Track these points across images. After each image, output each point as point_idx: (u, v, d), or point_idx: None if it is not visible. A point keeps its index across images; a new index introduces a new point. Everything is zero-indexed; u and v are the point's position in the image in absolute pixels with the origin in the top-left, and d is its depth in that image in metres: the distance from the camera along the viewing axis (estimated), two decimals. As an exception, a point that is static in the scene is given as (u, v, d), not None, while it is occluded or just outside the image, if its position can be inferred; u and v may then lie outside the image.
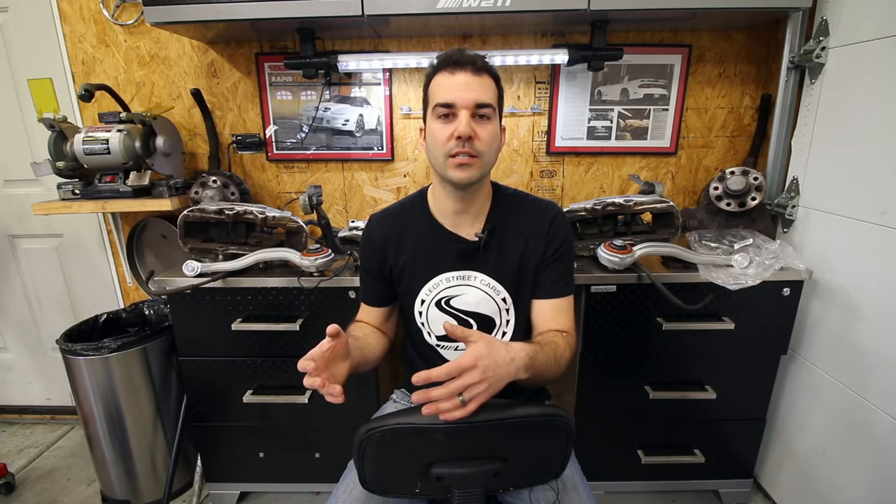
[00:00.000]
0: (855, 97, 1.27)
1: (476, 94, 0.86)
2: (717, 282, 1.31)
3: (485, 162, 0.90)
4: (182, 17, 1.38)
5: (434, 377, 0.68)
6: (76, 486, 1.78)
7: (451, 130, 0.86)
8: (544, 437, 0.78)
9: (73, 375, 1.51)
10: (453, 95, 0.86)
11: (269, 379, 1.49)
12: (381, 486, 0.82)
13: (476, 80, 0.86)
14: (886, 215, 1.18)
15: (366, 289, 1.08)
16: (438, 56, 0.90)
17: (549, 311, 0.99)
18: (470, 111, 0.86)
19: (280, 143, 1.80)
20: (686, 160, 1.78)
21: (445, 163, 0.89)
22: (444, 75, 0.88)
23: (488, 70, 0.89)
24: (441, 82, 0.88)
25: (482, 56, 0.89)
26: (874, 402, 1.23)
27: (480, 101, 0.86)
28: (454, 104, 0.86)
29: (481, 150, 0.88)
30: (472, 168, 0.88)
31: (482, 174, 0.91)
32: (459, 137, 0.85)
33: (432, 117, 0.90)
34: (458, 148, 0.86)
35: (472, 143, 0.86)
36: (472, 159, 0.87)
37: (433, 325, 1.02)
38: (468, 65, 0.86)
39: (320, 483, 1.65)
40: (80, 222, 1.93)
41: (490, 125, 0.89)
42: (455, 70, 0.87)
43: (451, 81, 0.87)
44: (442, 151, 0.88)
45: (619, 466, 1.56)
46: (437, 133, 0.88)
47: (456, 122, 0.86)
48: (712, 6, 1.34)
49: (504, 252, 0.99)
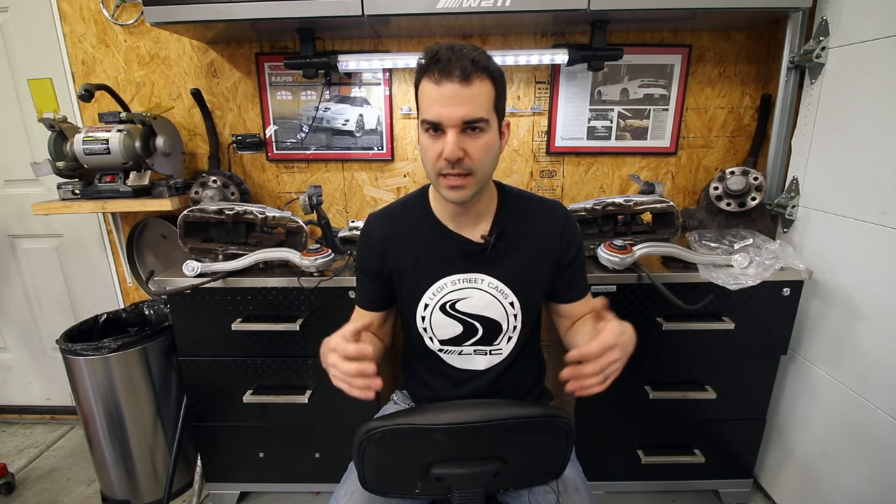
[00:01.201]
0: (855, 97, 1.27)
1: (464, 109, 0.77)
2: (717, 282, 1.31)
3: (480, 178, 0.84)
4: (182, 17, 1.38)
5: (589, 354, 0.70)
6: (76, 486, 1.78)
7: (440, 150, 0.80)
8: (544, 437, 0.78)
9: (73, 375, 1.51)
10: (438, 112, 0.78)
11: (269, 379, 1.49)
12: (381, 486, 0.82)
13: (465, 92, 0.77)
14: (886, 215, 1.18)
15: (362, 291, 1.04)
16: (427, 51, 0.80)
17: (585, 307, 1.02)
18: (458, 129, 0.79)
19: (280, 143, 1.80)
20: (686, 160, 1.78)
21: (437, 181, 0.85)
22: (429, 85, 0.79)
23: (481, 71, 0.78)
24: (427, 93, 0.80)
25: (472, 55, 0.77)
26: (874, 402, 1.23)
27: (469, 118, 0.78)
28: (440, 123, 0.79)
29: (474, 168, 0.82)
30: (464, 189, 0.83)
31: (477, 190, 0.86)
32: (447, 160, 0.80)
33: (421, 128, 0.84)
34: (448, 169, 0.81)
35: (462, 163, 0.80)
36: (465, 179, 0.82)
37: (437, 331, 0.98)
38: (455, 71, 0.76)
39: (320, 483, 1.65)
40: (80, 222, 1.93)
41: (483, 137, 0.81)
42: (441, 79, 0.77)
43: (437, 94, 0.78)
44: (432, 169, 0.84)
45: (619, 466, 1.56)
46: (426, 149, 0.83)
47: (443, 140, 0.79)
48: (712, 6, 1.34)
49: (512, 255, 0.95)
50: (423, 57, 0.80)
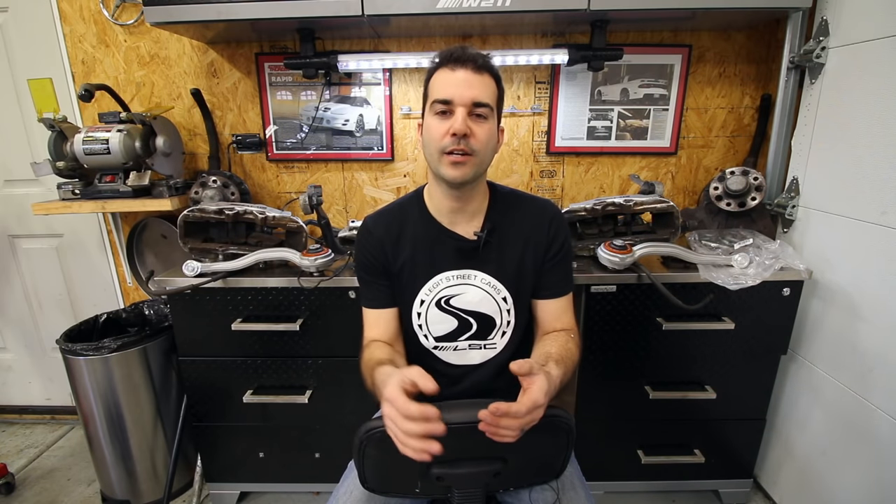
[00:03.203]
0: (855, 97, 1.27)
1: (475, 91, 0.86)
2: (717, 282, 1.31)
3: (479, 160, 0.89)
4: (182, 17, 1.38)
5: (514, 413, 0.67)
6: (76, 486, 1.78)
7: (447, 127, 0.86)
8: (544, 437, 0.78)
9: (73, 375, 1.51)
10: (451, 92, 0.86)
11: (269, 379, 1.49)
12: (381, 486, 0.82)
13: (476, 79, 0.86)
14: (886, 215, 1.18)
15: (374, 292, 1.02)
16: (441, 52, 0.90)
17: (555, 310, 1.00)
18: (467, 109, 0.86)
19: (280, 143, 1.80)
20: (686, 160, 1.78)
21: (440, 159, 0.88)
22: (444, 71, 0.88)
23: (489, 69, 0.88)
24: (441, 78, 0.88)
25: (484, 55, 0.88)
26: (874, 402, 1.23)
27: (478, 100, 0.86)
28: (452, 101, 0.86)
29: (476, 149, 0.87)
30: (465, 166, 0.88)
31: (476, 173, 0.91)
32: (455, 134, 0.85)
33: (430, 113, 0.90)
34: (454, 145, 0.86)
35: (468, 140, 0.86)
36: (467, 157, 0.87)
37: (432, 326, 1.01)
38: (469, 62, 0.86)
39: (320, 483, 1.65)
40: (80, 222, 1.93)
41: (487, 124, 0.88)
42: (456, 67, 0.86)
43: (451, 78, 0.87)
44: (437, 147, 0.88)
45: (619, 466, 1.56)
46: (432, 129, 0.88)
47: (452, 119, 0.86)
48: (712, 6, 1.34)
49: (504, 251, 0.98)
50: (436, 56, 0.90)
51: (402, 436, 0.67)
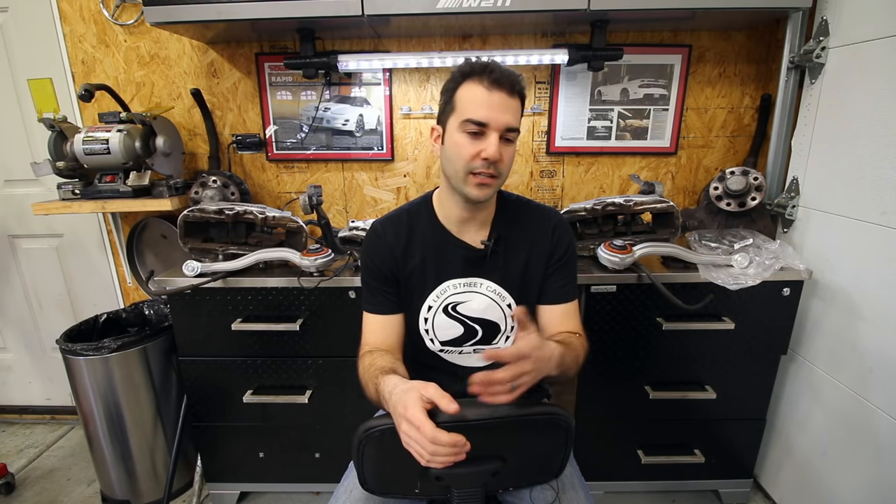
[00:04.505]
0: (855, 97, 1.27)
1: (508, 117, 0.86)
2: (717, 282, 1.31)
3: (501, 181, 0.91)
4: (182, 17, 1.38)
5: (503, 357, 0.70)
6: (76, 486, 1.78)
7: (479, 150, 0.86)
8: (544, 436, 0.78)
9: (73, 375, 1.51)
10: (487, 115, 0.84)
11: (268, 379, 1.49)
12: (380, 486, 0.82)
13: (511, 103, 0.86)
14: (886, 215, 1.18)
15: (378, 298, 1.01)
16: (473, 63, 0.87)
17: (559, 315, 1.01)
18: (500, 133, 0.86)
19: (280, 143, 1.80)
20: (686, 160, 1.78)
21: (465, 178, 0.88)
22: (478, 88, 0.85)
23: (520, 93, 0.88)
24: (476, 96, 0.85)
25: (518, 76, 0.87)
26: (874, 402, 1.23)
27: (511, 126, 0.86)
28: (487, 124, 0.85)
29: (502, 171, 0.89)
30: (489, 188, 0.89)
31: (496, 191, 0.94)
32: (486, 159, 0.85)
33: (458, 129, 0.87)
34: (483, 168, 0.86)
35: (496, 164, 0.87)
36: (493, 179, 0.88)
37: (439, 332, 1.01)
38: (506, 85, 0.85)
39: (320, 483, 1.65)
40: (80, 222, 1.93)
41: (512, 147, 0.90)
42: (493, 88, 0.84)
43: (486, 99, 0.85)
44: (464, 166, 0.87)
45: (618, 466, 1.56)
46: (462, 148, 0.87)
47: (485, 142, 0.86)
48: (712, 6, 1.34)
49: (509, 259, 0.99)
50: (468, 64, 0.88)
51: (428, 457, 0.68)
